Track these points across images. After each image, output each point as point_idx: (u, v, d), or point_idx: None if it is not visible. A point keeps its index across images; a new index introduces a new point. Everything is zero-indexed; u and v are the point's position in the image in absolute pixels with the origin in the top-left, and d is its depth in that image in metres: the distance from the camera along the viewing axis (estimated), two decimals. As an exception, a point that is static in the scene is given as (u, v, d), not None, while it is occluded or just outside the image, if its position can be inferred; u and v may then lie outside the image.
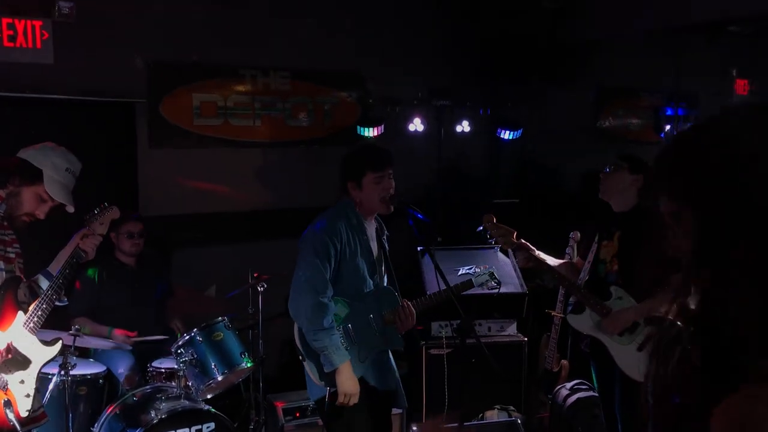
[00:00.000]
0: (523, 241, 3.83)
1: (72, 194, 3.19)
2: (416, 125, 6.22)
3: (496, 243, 3.86)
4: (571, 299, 3.92)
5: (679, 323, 3.45)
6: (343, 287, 3.47)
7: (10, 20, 4.96)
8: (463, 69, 6.69)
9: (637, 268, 3.56)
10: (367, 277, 3.52)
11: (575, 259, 4.74)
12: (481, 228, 3.82)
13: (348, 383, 3.30)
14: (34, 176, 3.05)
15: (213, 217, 5.92)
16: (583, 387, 4.79)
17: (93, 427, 3.95)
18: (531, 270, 4.03)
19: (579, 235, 4.90)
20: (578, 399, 4.69)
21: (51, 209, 3.16)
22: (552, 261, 3.92)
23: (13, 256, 3.13)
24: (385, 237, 3.69)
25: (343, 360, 3.30)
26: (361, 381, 3.42)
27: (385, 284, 3.66)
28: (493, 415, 4.85)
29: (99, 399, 4.12)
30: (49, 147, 3.20)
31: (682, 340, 1.30)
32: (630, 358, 3.57)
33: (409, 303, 3.54)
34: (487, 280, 3.86)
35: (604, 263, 3.72)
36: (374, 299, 3.53)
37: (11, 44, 4.98)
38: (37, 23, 5.06)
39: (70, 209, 3.14)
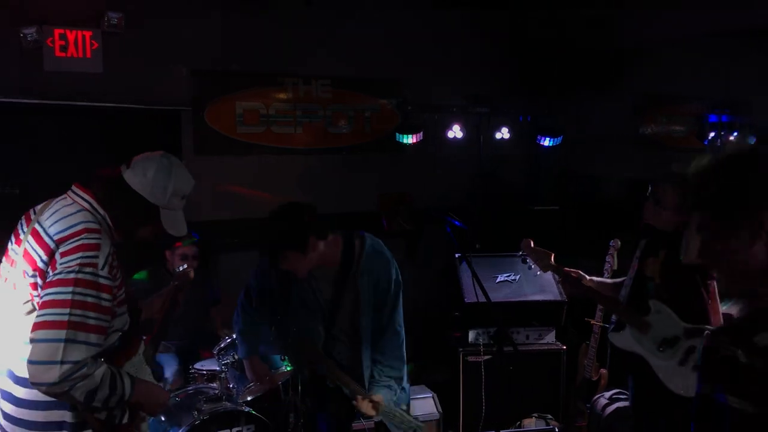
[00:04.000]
0: (560, 266, 3.86)
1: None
2: (455, 132, 6.25)
3: (535, 266, 3.87)
4: (613, 316, 3.89)
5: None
6: None
7: (61, 31, 5.15)
8: (502, 76, 6.71)
9: (679, 281, 3.54)
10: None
11: (615, 266, 4.71)
12: (520, 253, 3.84)
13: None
14: (153, 214, 2.49)
15: (255, 222, 6.01)
16: (622, 396, 4.74)
17: (137, 426, 4.05)
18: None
19: (619, 243, 4.87)
20: (617, 408, 4.64)
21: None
22: (595, 282, 3.92)
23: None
24: (359, 273, 3.22)
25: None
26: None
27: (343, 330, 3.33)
28: (531, 423, 4.84)
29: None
30: (162, 172, 2.47)
31: None
32: (673, 373, 3.54)
33: None
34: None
35: (653, 280, 3.69)
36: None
37: (63, 54, 5.16)
38: (87, 33, 5.24)
39: (183, 233, 2.61)
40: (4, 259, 2.46)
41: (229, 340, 4.28)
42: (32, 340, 2.20)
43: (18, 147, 5.26)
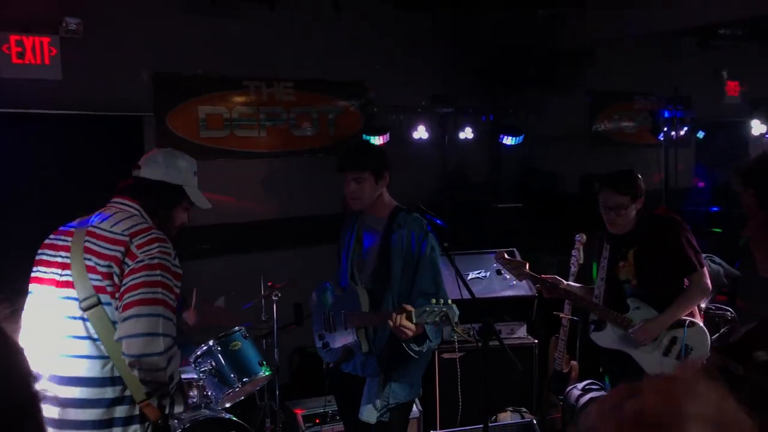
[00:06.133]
0: (533, 273, 4.00)
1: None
2: (420, 132, 6.31)
3: (511, 276, 4.01)
4: (591, 317, 4.01)
5: (698, 323, 3.57)
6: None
7: (18, 37, 5.00)
8: (464, 77, 6.81)
9: (655, 277, 3.66)
10: (346, 270, 3.57)
11: (581, 260, 4.83)
12: (495, 265, 3.98)
13: None
14: (179, 194, 2.78)
15: (221, 228, 5.96)
16: (595, 387, 4.84)
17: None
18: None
19: (584, 237, 4.99)
20: (591, 399, 4.75)
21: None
22: (571, 286, 4.03)
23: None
24: (396, 235, 3.39)
25: None
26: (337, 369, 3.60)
27: (367, 284, 3.47)
28: (506, 417, 4.91)
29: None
30: (169, 156, 2.83)
31: None
32: (657, 365, 3.68)
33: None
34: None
35: (628, 283, 3.80)
36: (345, 295, 3.53)
37: (20, 61, 5.01)
38: (45, 40, 5.10)
39: (209, 206, 2.97)
40: (41, 268, 2.63)
41: (205, 348, 4.24)
42: (130, 317, 2.38)
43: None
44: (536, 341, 5.19)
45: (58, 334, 2.48)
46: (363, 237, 3.57)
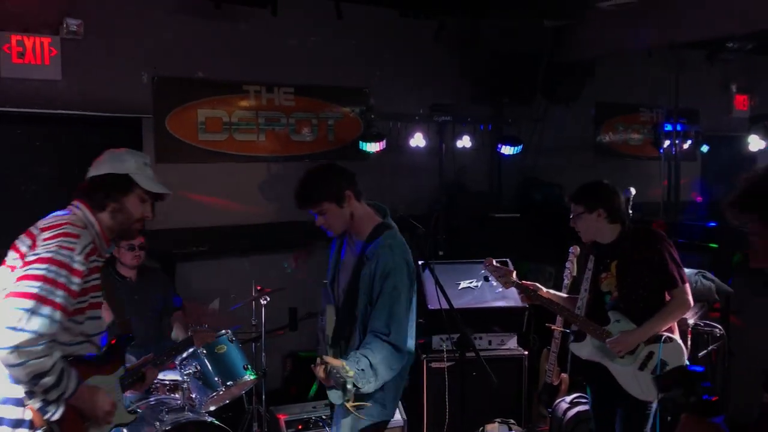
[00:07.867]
0: (521, 281, 3.97)
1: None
2: (418, 140, 6.30)
3: (497, 283, 4.00)
4: (572, 328, 3.98)
5: (675, 339, 3.53)
6: None
7: (19, 37, 5.06)
8: (464, 85, 6.80)
9: (636, 290, 3.63)
10: (332, 295, 3.42)
11: (574, 272, 4.80)
12: (483, 271, 3.97)
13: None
14: (126, 183, 2.74)
15: (217, 230, 5.99)
16: (583, 400, 4.82)
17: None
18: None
19: (579, 249, 4.96)
20: (578, 412, 4.73)
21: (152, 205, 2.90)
22: (552, 294, 3.99)
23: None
24: (365, 271, 3.20)
25: None
26: None
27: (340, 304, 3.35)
28: (494, 429, 4.89)
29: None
30: (113, 154, 2.82)
31: None
32: (632, 378, 3.65)
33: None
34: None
35: (609, 294, 3.77)
36: (323, 318, 3.43)
37: (20, 61, 5.07)
38: (46, 40, 5.16)
39: (169, 195, 2.90)
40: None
41: (191, 350, 4.25)
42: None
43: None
44: (526, 353, 5.16)
45: None
46: (344, 262, 3.39)
